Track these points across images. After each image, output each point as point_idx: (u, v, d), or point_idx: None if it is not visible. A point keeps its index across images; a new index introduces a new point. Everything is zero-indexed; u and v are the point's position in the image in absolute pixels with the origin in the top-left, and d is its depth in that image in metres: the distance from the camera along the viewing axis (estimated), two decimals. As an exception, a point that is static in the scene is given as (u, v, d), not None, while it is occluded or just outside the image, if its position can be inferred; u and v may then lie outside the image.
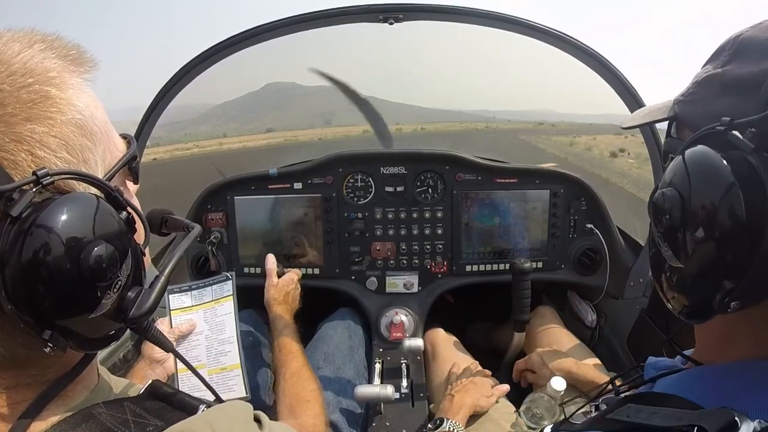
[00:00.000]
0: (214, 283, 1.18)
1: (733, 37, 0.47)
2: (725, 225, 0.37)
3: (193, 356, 1.13)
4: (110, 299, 0.40)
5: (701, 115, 0.47)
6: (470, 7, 1.31)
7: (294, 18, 1.28)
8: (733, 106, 0.43)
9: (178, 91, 1.36)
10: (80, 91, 0.42)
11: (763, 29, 0.45)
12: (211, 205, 1.58)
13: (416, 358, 1.41)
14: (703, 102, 0.48)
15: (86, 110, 0.41)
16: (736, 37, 0.46)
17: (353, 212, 1.58)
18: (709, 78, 0.48)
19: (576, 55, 1.33)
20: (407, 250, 1.59)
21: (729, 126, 0.40)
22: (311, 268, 1.59)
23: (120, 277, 0.40)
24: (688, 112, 0.51)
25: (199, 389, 1.10)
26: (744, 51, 0.45)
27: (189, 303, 1.17)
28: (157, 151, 12.22)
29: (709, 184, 0.39)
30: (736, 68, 0.45)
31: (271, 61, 2.26)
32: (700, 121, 0.45)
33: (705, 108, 0.47)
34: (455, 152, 1.55)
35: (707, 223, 0.39)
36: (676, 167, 0.44)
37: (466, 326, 1.93)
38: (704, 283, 0.40)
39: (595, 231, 1.53)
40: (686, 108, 0.51)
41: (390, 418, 1.20)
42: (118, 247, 0.40)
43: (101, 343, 0.43)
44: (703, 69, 0.51)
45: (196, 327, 1.14)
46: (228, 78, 2.05)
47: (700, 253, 0.40)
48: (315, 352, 1.37)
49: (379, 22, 1.29)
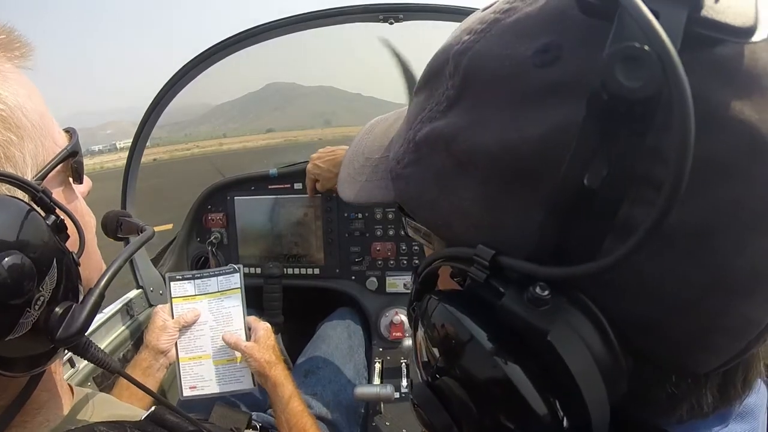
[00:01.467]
0: (220, 275, 1.16)
1: (454, 51, 0.28)
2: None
3: (196, 346, 1.13)
4: (30, 318, 0.33)
5: (432, 213, 0.30)
6: (470, 7, 1.31)
7: (294, 18, 1.28)
8: (480, 203, 0.27)
9: (178, 91, 1.35)
10: (4, 77, 0.36)
11: (498, 39, 0.26)
12: (211, 205, 1.58)
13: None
14: (429, 186, 0.30)
15: (11, 99, 0.35)
16: (460, 54, 0.28)
17: (353, 212, 1.58)
18: (429, 138, 0.30)
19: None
20: (407, 250, 1.59)
21: (491, 269, 0.25)
22: (311, 268, 1.59)
23: (42, 291, 0.33)
24: (412, 202, 0.32)
25: (203, 379, 1.10)
26: (474, 88, 0.27)
27: (192, 292, 1.15)
28: (157, 151, 12.23)
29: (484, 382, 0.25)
30: (469, 125, 0.27)
31: (271, 61, 2.27)
32: (432, 222, 0.31)
33: (434, 199, 0.30)
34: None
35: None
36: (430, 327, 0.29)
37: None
38: None
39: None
40: (409, 190, 0.32)
41: (390, 418, 1.20)
42: (38, 257, 0.32)
43: (29, 364, 0.36)
44: (415, 104, 0.33)
45: (200, 317, 1.13)
46: (228, 78, 2.05)
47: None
48: (315, 352, 1.37)
49: (379, 21, 1.29)
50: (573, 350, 0.22)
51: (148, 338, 1.08)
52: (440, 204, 0.29)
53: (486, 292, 0.25)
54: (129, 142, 1.40)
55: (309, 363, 1.34)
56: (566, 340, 0.22)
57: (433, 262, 0.30)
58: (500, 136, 0.25)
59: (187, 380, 1.11)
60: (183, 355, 1.12)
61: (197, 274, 1.17)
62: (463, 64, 0.27)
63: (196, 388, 1.11)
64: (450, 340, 0.26)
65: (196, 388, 1.11)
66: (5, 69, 0.36)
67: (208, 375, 1.11)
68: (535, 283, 0.23)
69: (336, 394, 1.24)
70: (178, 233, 1.61)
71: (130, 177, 1.38)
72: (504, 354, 0.24)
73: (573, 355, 0.22)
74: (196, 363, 1.12)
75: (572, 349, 0.22)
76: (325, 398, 1.22)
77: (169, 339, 1.08)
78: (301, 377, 1.30)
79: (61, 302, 0.35)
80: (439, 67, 0.30)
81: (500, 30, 0.26)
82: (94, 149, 45.39)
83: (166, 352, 1.08)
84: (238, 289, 1.15)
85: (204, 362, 1.12)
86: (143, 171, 1.41)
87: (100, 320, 1.27)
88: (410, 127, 0.32)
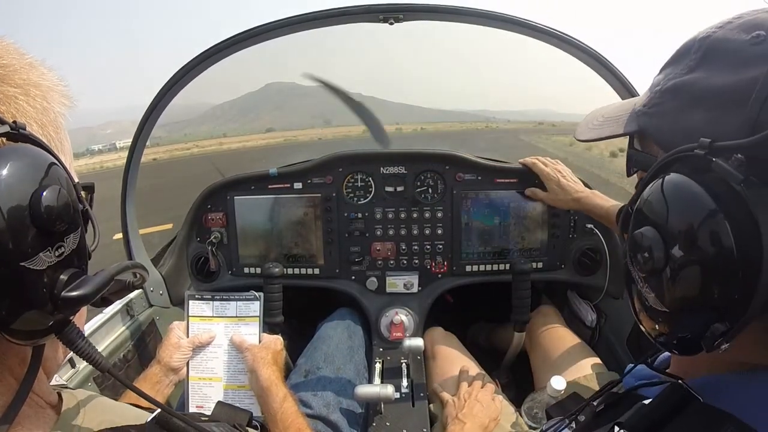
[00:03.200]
0: (240, 300, 1.15)
1: (699, 38, 0.43)
2: (716, 269, 0.34)
3: (208, 368, 1.13)
4: (47, 259, 0.36)
5: (671, 131, 0.43)
6: (470, 7, 1.31)
7: (294, 18, 1.28)
8: (708, 122, 0.39)
9: (178, 91, 1.35)
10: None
11: (733, 30, 0.41)
12: (210, 205, 1.58)
13: (416, 357, 1.41)
14: (670, 115, 0.44)
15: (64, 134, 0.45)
16: (704, 38, 0.42)
17: (353, 212, 1.58)
18: (676, 87, 0.43)
19: (576, 55, 1.33)
20: (407, 250, 1.59)
21: (710, 150, 0.36)
22: (311, 268, 1.59)
23: (64, 244, 0.38)
24: (655, 127, 0.46)
25: (210, 400, 1.09)
26: (714, 55, 0.41)
27: (209, 313, 1.15)
28: (157, 151, 12.22)
29: (695, 223, 0.35)
30: (706, 76, 0.41)
31: (271, 61, 2.27)
32: (671, 139, 0.42)
33: (674, 122, 0.43)
34: (455, 152, 1.55)
35: (696, 267, 0.35)
36: (654, 199, 0.40)
37: (466, 326, 1.94)
38: (693, 327, 0.37)
39: (595, 231, 1.52)
40: (651, 121, 0.46)
41: (390, 418, 1.19)
42: (73, 214, 0.39)
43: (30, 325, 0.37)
44: (663, 73, 0.46)
45: (215, 339, 1.13)
46: (228, 78, 2.06)
47: (688, 299, 0.37)
48: (315, 353, 1.37)
49: (379, 22, 1.29)
50: (760, 195, 0.33)
51: (161, 354, 1.08)
52: (676, 126, 0.43)
53: (705, 164, 0.36)
54: (129, 142, 1.40)
55: (309, 363, 1.34)
56: (755, 186, 0.33)
57: (670, 156, 0.41)
58: (725, 81, 0.39)
59: (195, 399, 1.11)
60: (193, 374, 1.11)
61: (217, 296, 1.16)
62: (706, 44, 0.43)
63: (203, 408, 1.10)
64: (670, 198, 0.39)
65: (202, 408, 1.10)
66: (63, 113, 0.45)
67: (216, 397, 1.10)
68: (736, 152, 0.34)
69: (336, 394, 1.24)
70: (178, 233, 1.61)
71: (129, 177, 1.38)
72: (711, 201, 0.35)
73: (759, 200, 0.33)
74: (206, 384, 1.12)
75: (759, 194, 0.33)
76: (326, 398, 1.22)
77: (182, 357, 1.08)
78: (302, 377, 1.30)
79: (73, 268, 0.39)
80: (687, 48, 0.44)
81: (731, 27, 0.42)
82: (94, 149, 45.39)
83: (177, 370, 1.07)
84: (257, 318, 1.14)
85: (214, 384, 1.12)
86: (143, 171, 1.41)
87: (100, 320, 1.27)
88: (658, 85, 0.46)
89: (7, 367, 0.40)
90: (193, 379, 1.11)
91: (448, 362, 1.38)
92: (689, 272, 0.36)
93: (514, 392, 1.50)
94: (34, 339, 0.38)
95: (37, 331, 0.38)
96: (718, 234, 0.34)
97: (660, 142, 0.45)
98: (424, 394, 1.29)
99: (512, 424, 1.15)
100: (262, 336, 1.13)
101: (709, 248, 0.34)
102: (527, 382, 1.43)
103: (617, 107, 0.54)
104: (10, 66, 0.39)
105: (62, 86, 0.44)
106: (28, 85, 0.40)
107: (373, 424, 1.19)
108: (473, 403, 1.14)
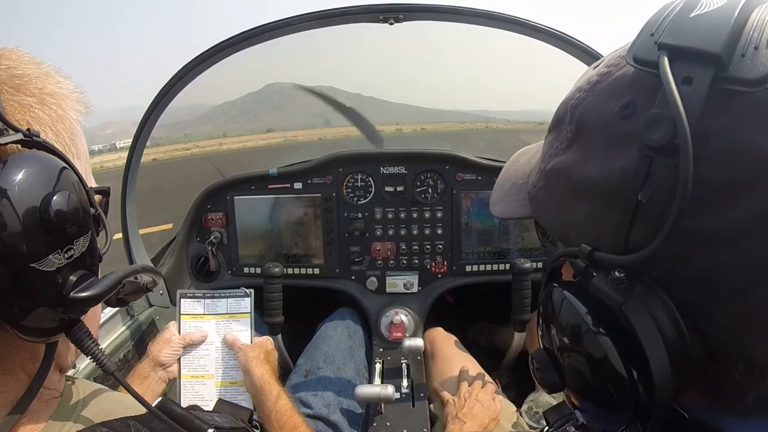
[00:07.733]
0: (231, 297, 1.15)
1: (570, 105, 0.38)
2: (606, 390, 0.34)
3: (200, 365, 1.12)
4: (57, 260, 0.37)
5: (559, 225, 0.41)
6: (470, 7, 1.31)
7: (294, 18, 1.28)
8: (588, 216, 0.36)
9: (178, 91, 1.35)
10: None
11: (602, 96, 0.36)
12: (210, 205, 1.58)
13: (416, 357, 1.41)
14: (554, 204, 0.40)
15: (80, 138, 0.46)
16: (574, 108, 0.38)
17: (353, 212, 1.58)
18: (556, 169, 0.40)
19: (576, 55, 1.33)
20: (407, 250, 1.59)
21: (590, 260, 0.35)
22: (311, 268, 1.59)
23: (74, 247, 0.39)
24: (543, 217, 0.43)
25: (203, 398, 1.09)
26: (585, 132, 0.37)
27: (200, 311, 1.14)
28: (157, 151, 12.20)
29: (580, 346, 0.35)
30: (581, 159, 0.37)
31: (271, 61, 2.26)
32: (560, 232, 0.41)
33: (559, 212, 0.40)
34: (455, 152, 1.55)
35: (588, 386, 0.36)
36: (546, 310, 0.40)
37: (466, 326, 1.93)
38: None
39: None
40: (539, 210, 0.43)
41: (390, 418, 1.19)
42: (84, 217, 0.40)
43: (39, 322, 0.39)
44: (548, 140, 0.42)
45: (207, 337, 1.13)
46: (228, 78, 2.05)
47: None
48: (315, 353, 1.37)
49: (379, 22, 1.29)
50: (640, 318, 0.32)
51: (150, 348, 1.08)
52: (561, 218, 0.40)
53: (586, 277, 0.35)
54: (129, 142, 1.40)
55: (309, 363, 1.34)
56: (635, 308, 0.32)
57: (556, 259, 0.40)
58: (599, 169, 0.35)
59: (188, 397, 1.10)
60: (185, 372, 1.11)
61: (208, 294, 1.15)
62: (576, 115, 0.38)
63: (196, 407, 1.10)
64: (557, 314, 0.37)
65: (195, 407, 1.10)
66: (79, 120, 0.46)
67: (209, 395, 1.10)
68: (615, 269, 0.33)
69: (337, 394, 1.24)
70: (178, 233, 1.61)
71: (129, 177, 1.38)
72: (593, 322, 0.34)
73: (640, 323, 0.31)
74: (198, 382, 1.11)
75: (640, 317, 0.32)
76: (326, 398, 1.22)
77: (171, 353, 1.08)
78: (302, 377, 1.30)
79: (83, 270, 0.40)
80: (562, 115, 0.40)
81: (600, 90, 0.36)
82: (94, 149, 45.40)
83: (166, 366, 1.07)
84: (248, 314, 1.14)
85: (206, 382, 1.11)
86: (143, 171, 1.41)
87: (100, 320, 1.27)
88: (543, 160, 0.42)
89: (19, 363, 0.42)
90: (185, 377, 1.11)
91: (448, 362, 1.38)
92: (584, 388, 0.37)
93: (515, 392, 1.50)
94: (43, 336, 0.40)
95: (46, 329, 0.40)
96: (605, 356, 0.33)
97: (551, 232, 0.43)
98: (424, 394, 1.29)
99: (513, 424, 1.15)
100: (253, 337, 1.13)
101: (598, 368, 0.34)
102: (528, 382, 1.42)
103: (521, 169, 0.49)
104: (26, 76, 0.41)
105: (77, 93, 0.46)
106: (44, 94, 0.42)
107: (373, 424, 1.18)
108: (473, 403, 1.14)
